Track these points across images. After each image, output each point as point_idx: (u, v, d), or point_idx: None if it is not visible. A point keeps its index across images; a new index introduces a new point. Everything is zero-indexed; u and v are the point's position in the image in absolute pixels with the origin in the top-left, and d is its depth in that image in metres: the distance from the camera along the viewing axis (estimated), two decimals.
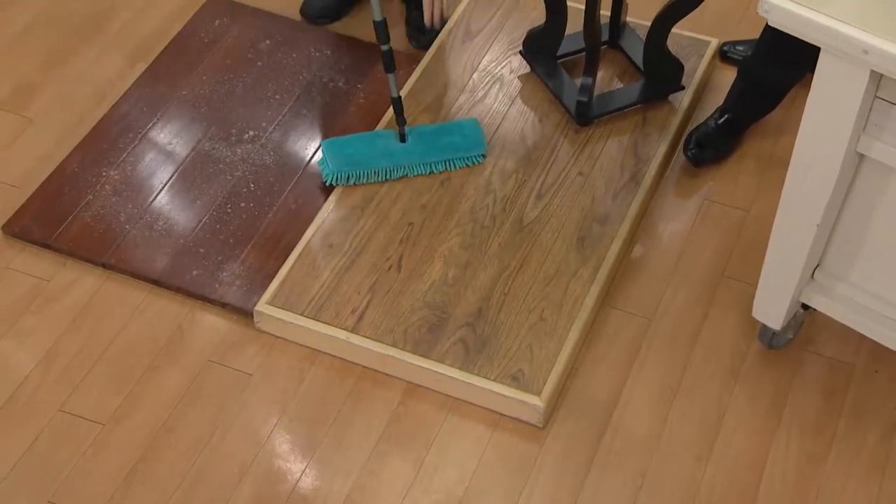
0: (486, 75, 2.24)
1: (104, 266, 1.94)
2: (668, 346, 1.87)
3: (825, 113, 1.46)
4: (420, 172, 2.03)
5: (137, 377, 1.80)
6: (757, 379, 1.83)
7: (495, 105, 2.18)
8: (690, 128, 2.15)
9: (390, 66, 1.97)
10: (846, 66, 1.37)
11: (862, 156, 1.52)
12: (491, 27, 2.32)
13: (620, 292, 1.94)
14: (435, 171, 2.03)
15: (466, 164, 2.05)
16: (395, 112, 2.03)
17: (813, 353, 1.86)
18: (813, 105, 1.47)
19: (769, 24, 1.39)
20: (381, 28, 1.93)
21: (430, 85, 2.21)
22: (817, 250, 1.67)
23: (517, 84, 2.22)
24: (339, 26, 2.37)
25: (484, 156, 2.06)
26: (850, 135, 1.46)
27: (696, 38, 2.29)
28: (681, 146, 2.14)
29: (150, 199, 2.04)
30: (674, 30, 2.13)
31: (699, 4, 2.03)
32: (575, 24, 2.19)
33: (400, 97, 2.02)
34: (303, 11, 2.38)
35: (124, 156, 2.10)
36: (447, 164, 2.04)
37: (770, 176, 2.11)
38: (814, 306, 1.75)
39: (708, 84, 2.27)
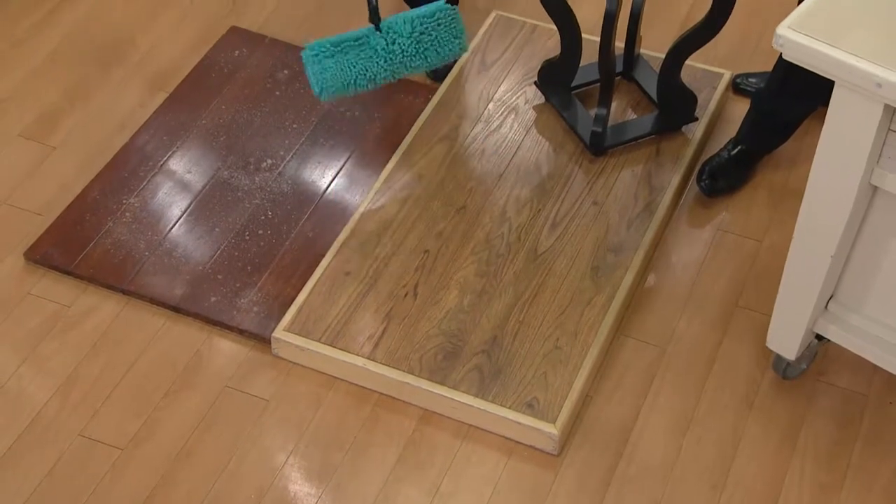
0: (502, 105, 2.26)
1: (124, 292, 1.96)
2: (682, 375, 1.88)
3: (839, 146, 1.47)
4: (403, 73, 2.04)
5: (156, 402, 1.81)
6: (771, 408, 1.83)
7: (511, 135, 2.21)
8: (704, 159, 2.17)
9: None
10: (860, 99, 1.39)
11: (876, 188, 1.53)
12: (506, 58, 2.35)
13: (635, 321, 1.95)
14: (416, 70, 2.04)
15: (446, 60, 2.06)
16: (370, 4, 1.99)
17: (827, 384, 1.86)
18: (827, 138, 1.48)
19: (783, 57, 1.41)
20: None
21: (445, 115, 2.24)
22: (831, 281, 1.68)
23: (532, 114, 2.24)
24: None
25: (463, 49, 2.07)
26: (864, 167, 1.47)
27: (709, 71, 2.31)
28: (694, 177, 2.16)
29: (170, 227, 2.06)
30: (687, 62, 2.15)
31: (713, 37, 2.05)
32: (589, 55, 2.22)
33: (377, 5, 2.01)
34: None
35: (144, 183, 2.13)
36: (426, 60, 2.04)
37: (783, 207, 2.12)
38: (828, 337, 1.76)
39: (721, 115, 2.29)
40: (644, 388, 1.86)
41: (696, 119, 2.20)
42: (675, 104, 2.18)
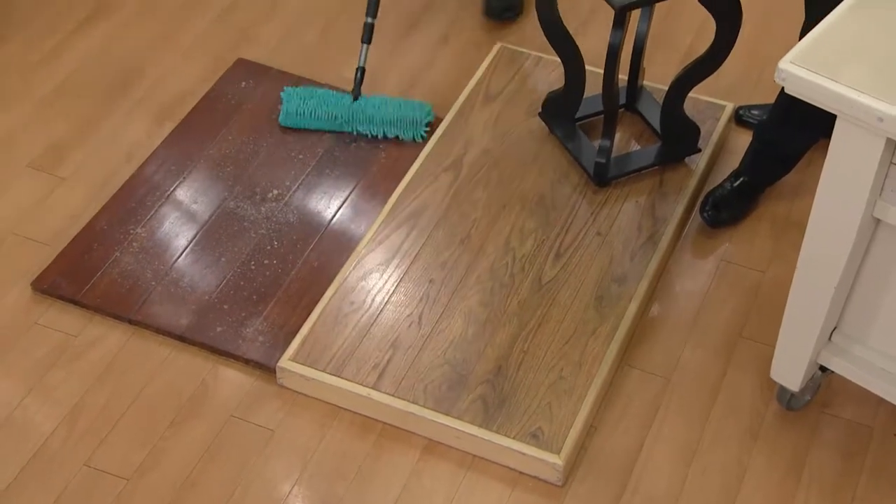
0: (506, 137, 2.28)
1: (130, 322, 1.97)
2: (686, 405, 1.88)
3: (841, 179, 1.49)
4: (361, 132, 2.27)
5: (161, 432, 1.81)
6: (775, 440, 1.83)
7: (515, 166, 2.22)
8: (707, 190, 2.18)
9: (367, 38, 2.27)
10: (862, 133, 1.40)
11: (878, 220, 1.54)
12: (511, 89, 2.37)
13: (639, 351, 1.96)
14: (374, 134, 2.26)
15: (403, 137, 2.26)
16: (355, 79, 2.28)
17: (831, 416, 1.86)
18: (829, 171, 1.49)
19: (785, 91, 1.43)
20: (375, 3, 2.26)
21: (450, 146, 2.25)
22: (835, 313, 1.69)
23: (536, 145, 2.26)
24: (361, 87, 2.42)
25: (422, 137, 2.26)
26: (867, 200, 1.48)
27: (711, 102, 2.33)
28: (697, 208, 2.17)
29: (176, 257, 2.07)
30: (690, 94, 2.17)
31: (716, 70, 2.07)
32: (593, 87, 2.24)
33: (364, 68, 2.29)
34: (487, 12, 2.55)
35: (151, 214, 2.14)
36: (385, 130, 2.26)
37: (786, 238, 2.13)
38: (832, 368, 1.76)
39: (724, 147, 2.31)
40: (648, 418, 1.86)
41: (699, 150, 2.21)
42: (678, 136, 2.20)
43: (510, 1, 2.54)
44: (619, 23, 1.92)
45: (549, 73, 2.40)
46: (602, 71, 2.05)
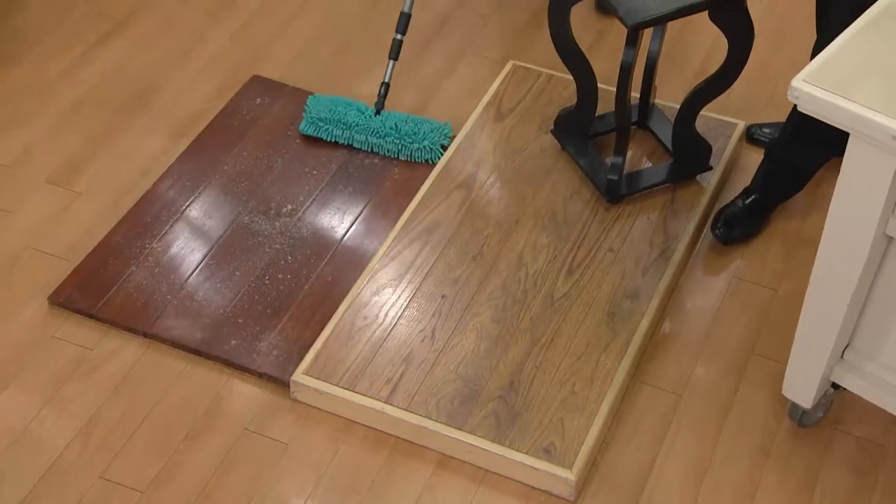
0: (518, 153, 2.29)
1: (146, 335, 1.98)
2: (698, 422, 1.88)
3: (854, 197, 1.49)
4: (379, 151, 2.28)
5: (176, 445, 1.82)
6: (788, 457, 1.83)
7: (527, 182, 2.23)
8: (718, 207, 2.19)
9: (395, 55, 2.30)
10: (875, 151, 1.41)
11: (891, 238, 1.55)
12: (523, 107, 2.39)
13: (650, 367, 1.96)
14: (390, 151, 2.27)
15: (417, 158, 2.27)
16: (379, 94, 2.30)
17: (843, 433, 1.86)
18: (842, 189, 1.50)
19: (798, 109, 1.44)
20: (405, 20, 2.28)
21: (462, 163, 2.27)
22: (847, 330, 1.69)
23: (548, 162, 2.27)
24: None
25: (435, 161, 2.26)
26: (879, 218, 1.49)
27: (723, 120, 2.34)
28: (709, 225, 2.18)
29: (191, 271, 2.09)
30: (702, 112, 2.18)
31: (727, 88, 2.08)
32: (605, 104, 2.25)
33: (388, 84, 2.31)
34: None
35: (167, 228, 2.16)
36: (398, 153, 2.27)
37: (798, 255, 2.13)
38: (844, 385, 1.76)
39: (735, 165, 2.32)
40: (660, 434, 1.87)
41: (711, 168, 2.22)
42: (689, 153, 2.21)
43: None
44: (632, 41, 1.94)
45: (561, 91, 2.42)
46: (614, 89, 2.06)
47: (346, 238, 2.16)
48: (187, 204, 2.21)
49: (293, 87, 2.47)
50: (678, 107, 2.20)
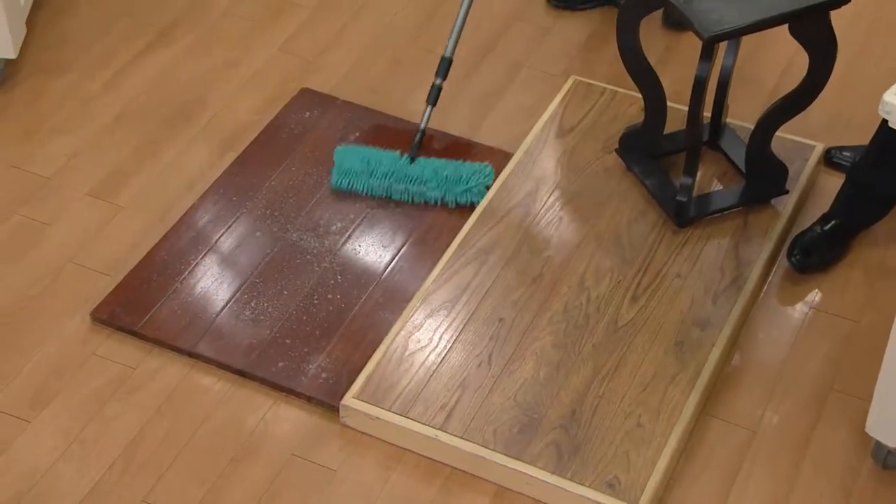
0: (580, 172, 2.34)
1: (190, 355, 2.05)
2: (773, 459, 1.90)
3: None
4: (420, 199, 2.29)
5: (220, 469, 1.88)
6: (871, 499, 1.84)
7: (589, 203, 2.28)
8: (794, 233, 2.22)
9: (433, 100, 2.33)
10: None
11: None
12: (585, 124, 2.44)
13: (721, 401, 1.99)
14: (433, 201, 2.29)
15: (462, 202, 2.28)
16: (416, 140, 2.32)
17: None
18: None
19: (889, 125, 1.47)
20: (446, 64, 2.32)
21: (521, 181, 2.32)
22: None
23: (612, 182, 2.32)
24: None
25: (474, 201, 2.28)
26: None
27: (799, 142, 2.37)
28: (784, 252, 2.20)
29: (237, 289, 2.15)
30: (777, 133, 2.22)
31: (807, 107, 2.12)
32: (671, 123, 2.29)
33: (424, 130, 2.33)
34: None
35: (212, 245, 2.23)
36: (442, 198, 2.28)
37: (881, 286, 2.15)
38: None
39: (813, 189, 2.34)
40: (732, 472, 1.89)
41: (787, 192, 2.25)
42: (764, 176, 2.24)
43: None
44: (707, 55, 1.99)
45: (625, 108, 2.47)
46: (681, 107, 2.11)
47: (398, 257, 2.22)
48: (233, 220, 2.28)
49: (343, 101, 2.54)
50: (751, 126, 2.24)
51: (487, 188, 2.30)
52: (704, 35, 1.95)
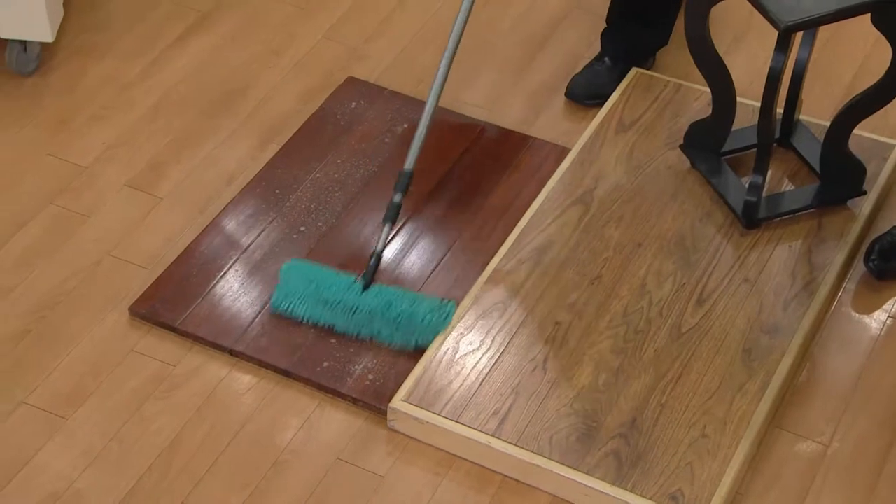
0: (642, 169, 2.36)
1: (231, 353, 2.09)
2: (847, 477, 1.91)
3: None
4: (362, 334, 2.07)
5: (263, 473, 1.92)
6: None
7: (651, 202, 2.30)
8: (872, 236, 2.22)
9: (392, 217, 2.15)
10: None
11: None
12: (647, 118, 2.46)
13: (792, 413, 1.99)
14: (370, 336, 2.07)
15: (399, 343, 2.06)
16: (371, 264, 2.11)
17: None
18: None
19: None
20: (406, 178, 2.16)
21: (579, 177, 2.34)
22: None
23: (676, 180, 2.33)
24: (481, 112, 2.54)
25: (416, 347, 2.05)
26: None
27: (878, 141, 2.38)
28: (861, 256, 2.21)
29: None
30: (854, 130, 2.22)
31: (887, 103, 2.12)
32: (738, 119, 2.30)
33: (381, 253, 2.12)
34: (569, 93, 2.53)
35: (255, 239, 2.28)
36: (396, 335, 2.06)
37: None
38: None
39: (892, 190, 2.34)
40: (803, 488, 1.89)
41: (865, 193, 2.26)
42: (840, 175, 2.25)
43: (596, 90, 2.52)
44: (783, 46, 2.00)
45: (690, 102, 2.48)
46: (750, 101, 2.12)
47: (448, 255, 2.25)
48: (276, 213, 2.32)
49: (391, 91, 2.58)
50: (825, 123, 2.25)
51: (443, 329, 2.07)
52: (780, 24, 1.96)
